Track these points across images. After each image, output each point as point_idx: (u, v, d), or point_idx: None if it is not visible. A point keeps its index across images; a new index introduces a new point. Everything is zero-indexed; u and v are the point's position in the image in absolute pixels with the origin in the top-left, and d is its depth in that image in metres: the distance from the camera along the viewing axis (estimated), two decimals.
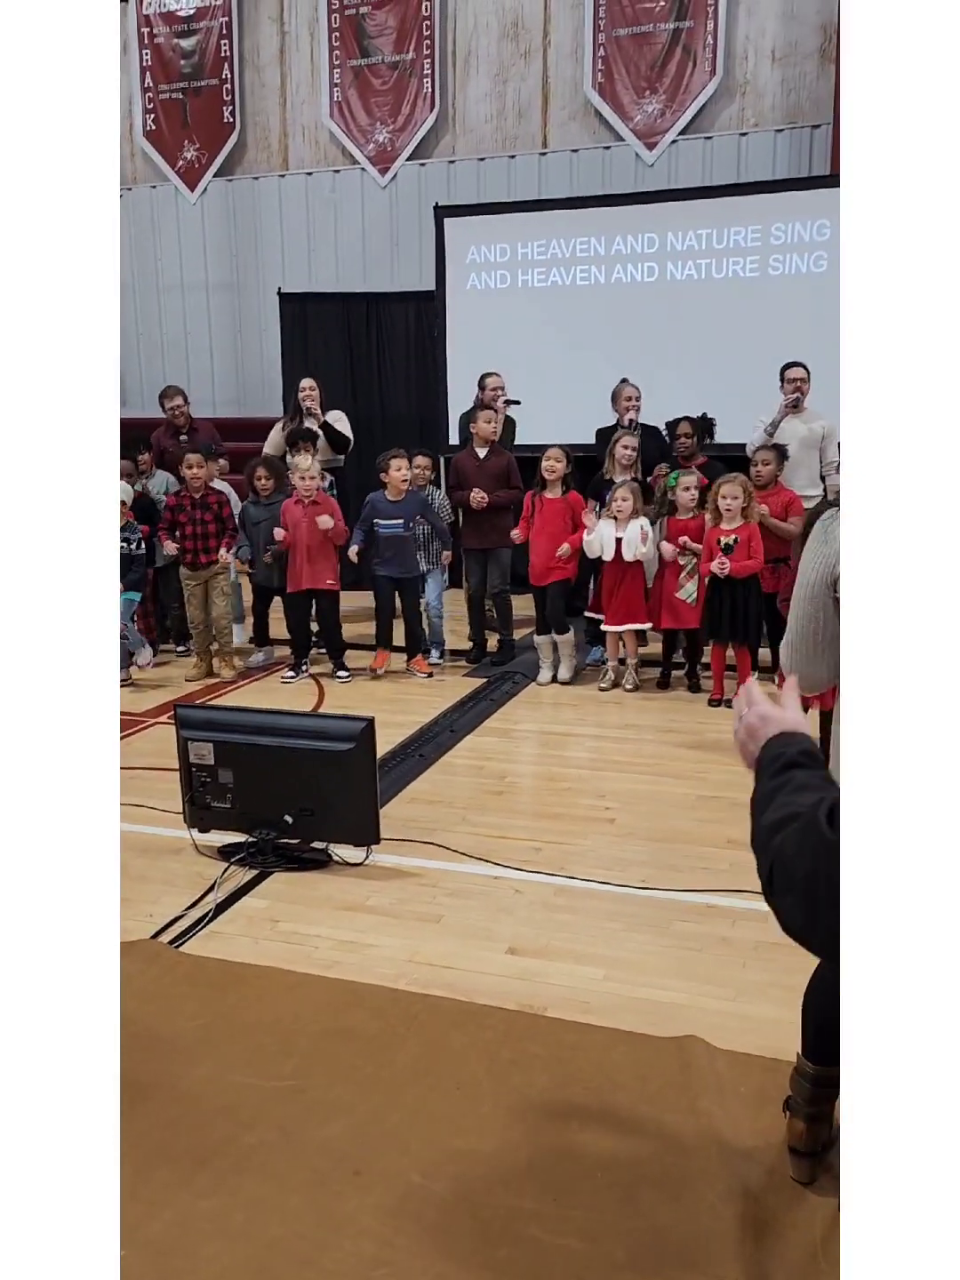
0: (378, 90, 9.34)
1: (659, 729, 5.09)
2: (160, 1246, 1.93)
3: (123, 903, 3.31)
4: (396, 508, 5.94)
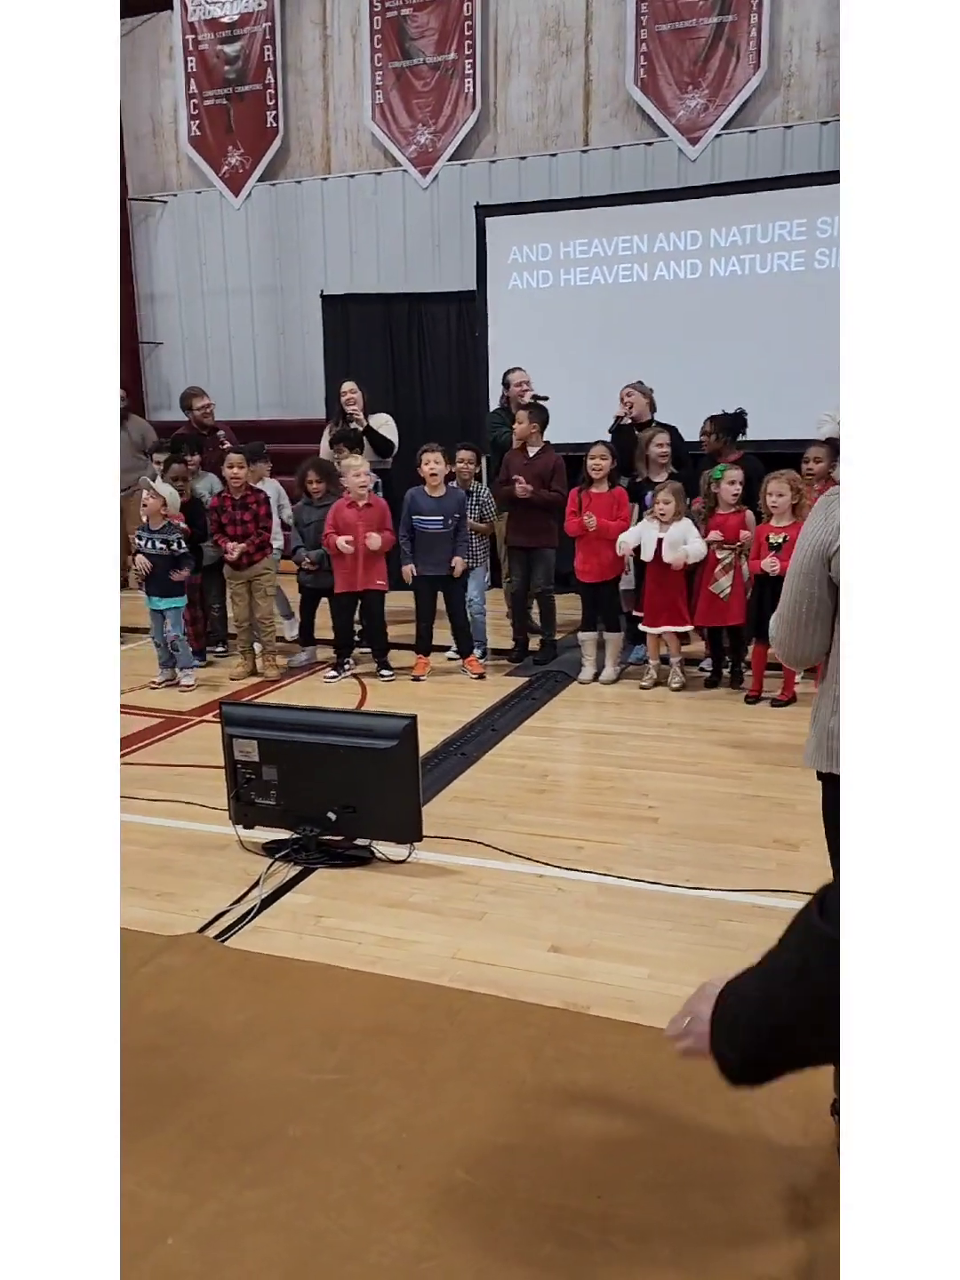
0: (419, 91, 9.37)
1: (702, 728, 5.04)
2: (206, 1236, 1.94)
3: (169, 897, 3.36)
4: (436, 504, 5.94)
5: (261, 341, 10.54)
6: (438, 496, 5.94)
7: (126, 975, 2.84)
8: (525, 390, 6.82)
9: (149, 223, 10.75)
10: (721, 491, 5.52)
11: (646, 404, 6.46)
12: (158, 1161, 2.13)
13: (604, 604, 5.81)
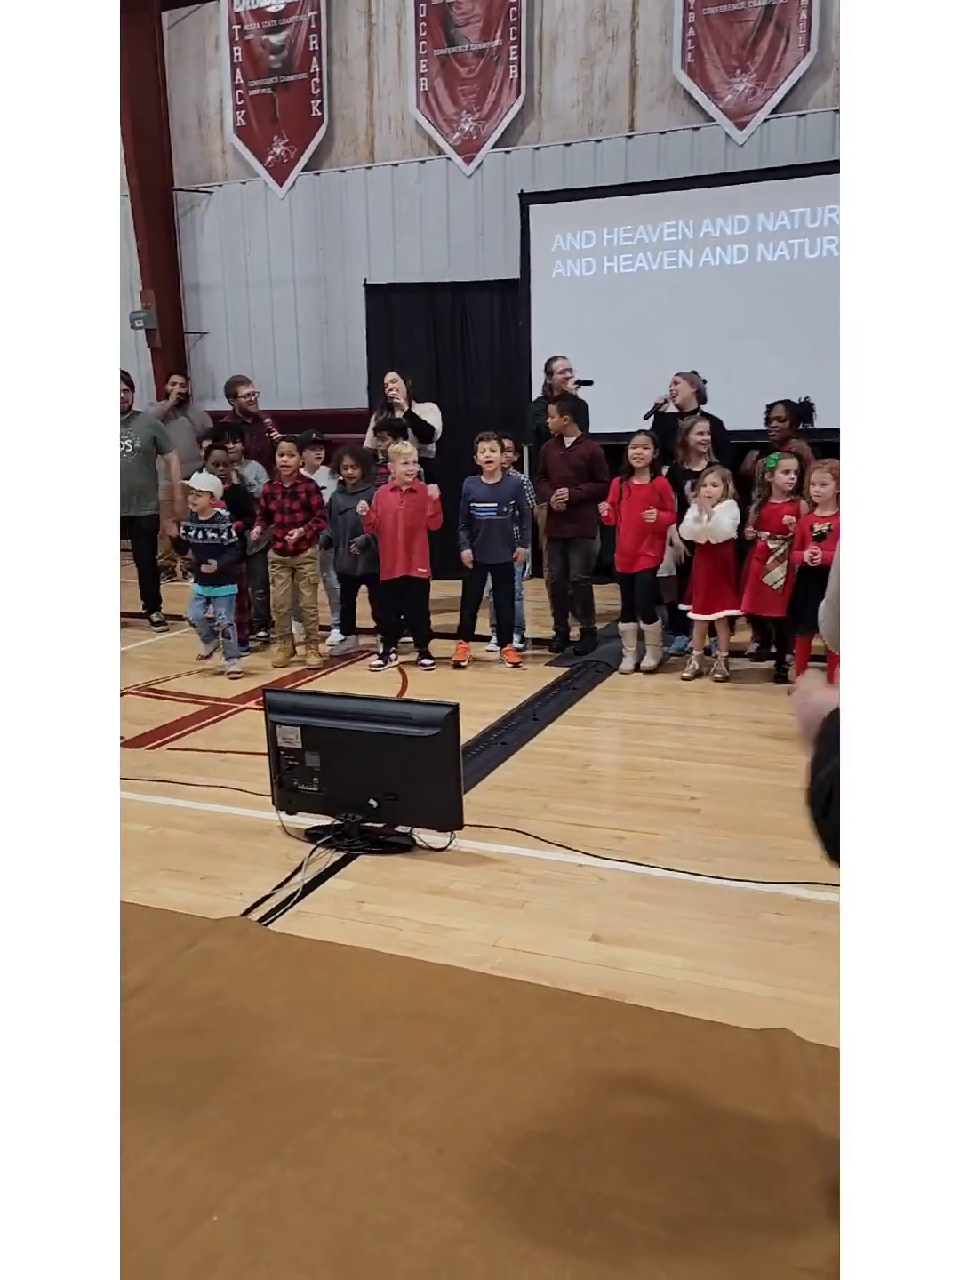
0: (464, 79, 9.33)
1: (745, 719, 5.00)
2: (250, 1214, 1.97)
3: (214, 881, 3.40)
4: (492, 491, 5.94)
5: (305, 331, 10.58)
6: (493, 484, 5.94)
7: (171, 957, 2.88)
8: (568, 378, 6.78)
9: (194, 213, 10.83)
10: (776, 480, 5.45)
11: (693, 393, 6.40)
12: (202, 1139, 2.16)
13: (639, 594, 5.76)
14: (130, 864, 3.53)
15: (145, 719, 5.22)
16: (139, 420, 7.16)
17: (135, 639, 7.01)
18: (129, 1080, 2.34)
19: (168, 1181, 2.05)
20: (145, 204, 10.50)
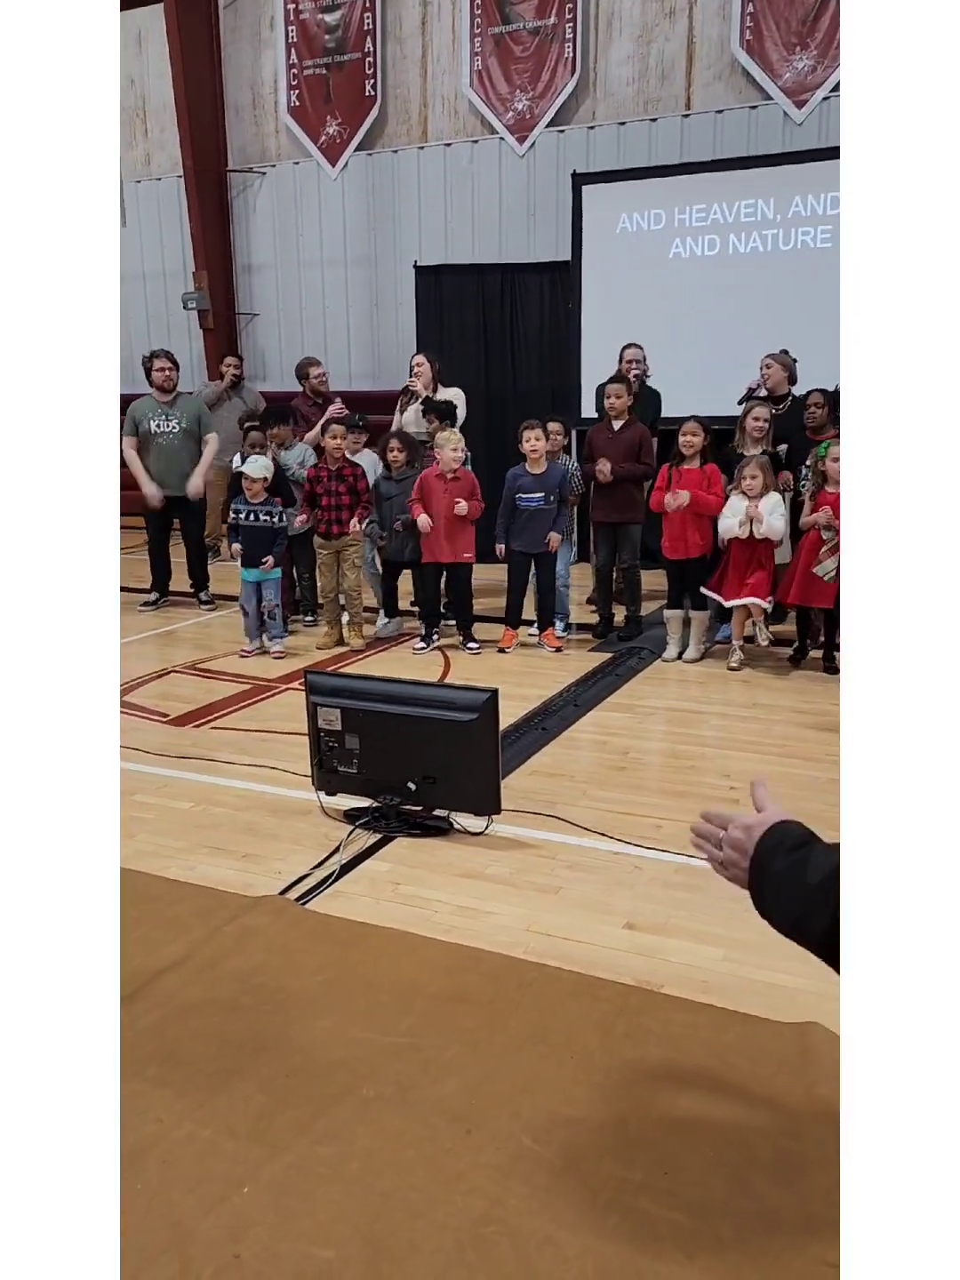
0: (518, 57, 9.26)
1: (789, 709, 4.96)
2: (281, 1187, 2.01)
3: (254, 859, 3.45)
4: (537, 481, 5.92)
5: (355, 312, 10.60)
6: (538, 473, 5.93)
7: (210, 933, 2.94)
8: (631, 369, 6.73)
9: (247, 194, 10.88)
10: (828, 468, 5.38)
11: (785, 376, 6.28)
12: (235, 1113, 2.21)
13: (691, 582, 5.74)
14: (172, 840, 3.60)
15: (191, 697, 5.30)
16: (185, 401, 7.23)
17: (184, 617, 7.12)
18: (166, 1052, 2.41)
19: (202, 1152, 2.10)
20: (199, 185, 10.58)
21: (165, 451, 7.02)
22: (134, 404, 6.99)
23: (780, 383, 6.25)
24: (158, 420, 7.02)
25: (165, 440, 7.02)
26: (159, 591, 7.37)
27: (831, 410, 5.84)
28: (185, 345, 10.75)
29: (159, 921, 3.01)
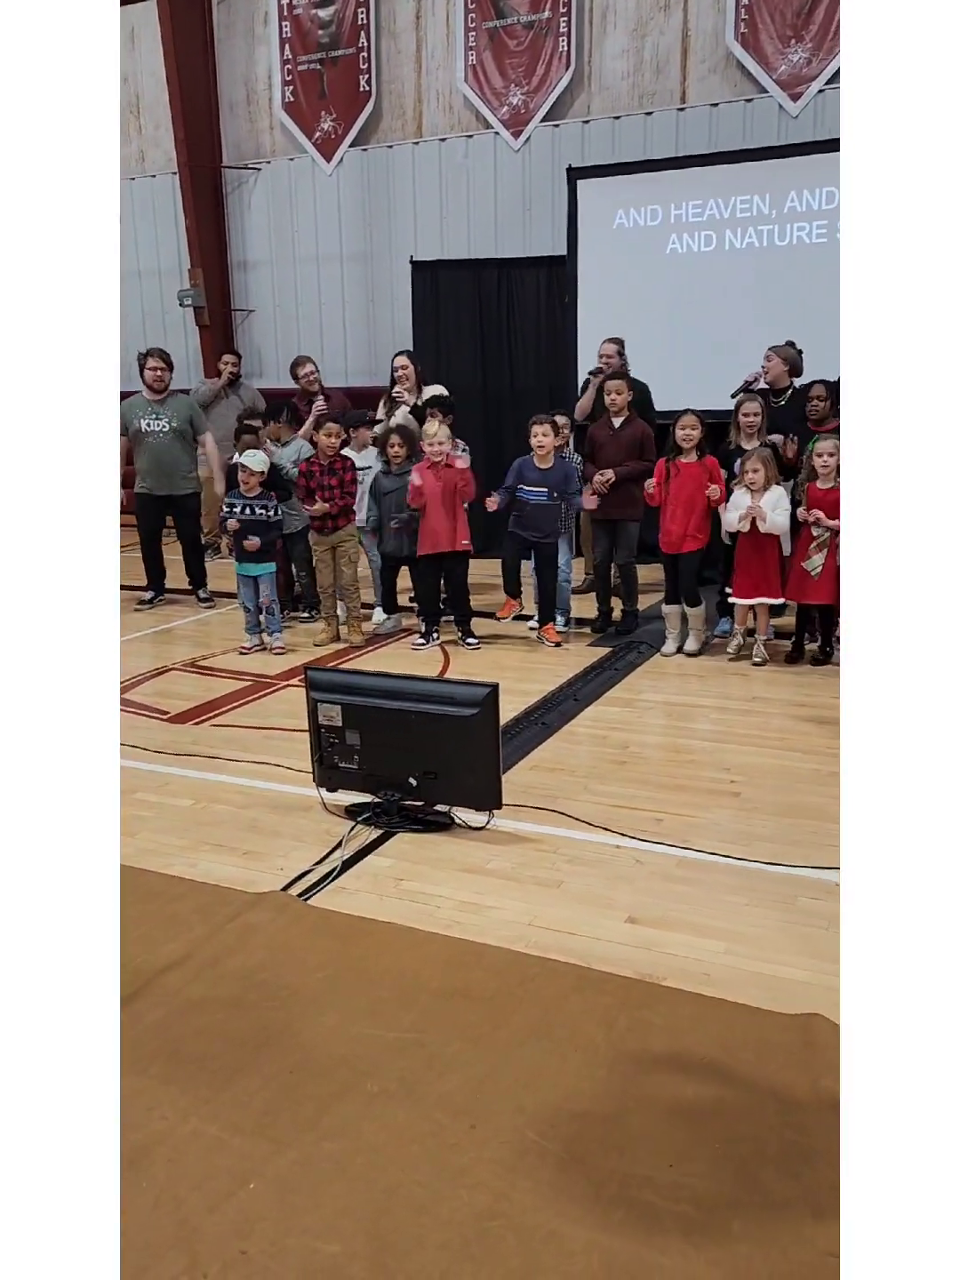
0: (513, 51, 9.23)
1: (787, 702, 4.96)
2: (287, 1183, 2.01)
3: (255, 856, 3.45)
4: (543, 476, 5.91)
5: (351, 308, 10.58)
6: (545, 469, 5.91)
7: (213, 930, 2.94)
8: (612, 361, 6.70)
9: (242, 190, 10.85)
10: (816, 464, 5.38)
11: (785, 369, 6.24)
12: (240, 1109, 2.21)
13: (684, 576, 5.73)
14: (174, 838, 3.60)
15: (190, 694, 5.30)
16: (176, 401, 7.21)
17: (182, 615, 7.11)
18: (170, 1049, 2.41)
19: (208, 1149, 2.11)
20: (194, 182, 10.55)
21: (155, 451, 7.01)
22: (125, 402, 6.96)
23: (781, 375, 6.23)
24: (148, 419, 7.01)
25: (155, 440, 7.01)
26: (154, 590, 7.35)
27: (834, 403, 5.84)
28: (181, 342, 10.73)
29: (161, 919, 3.01)
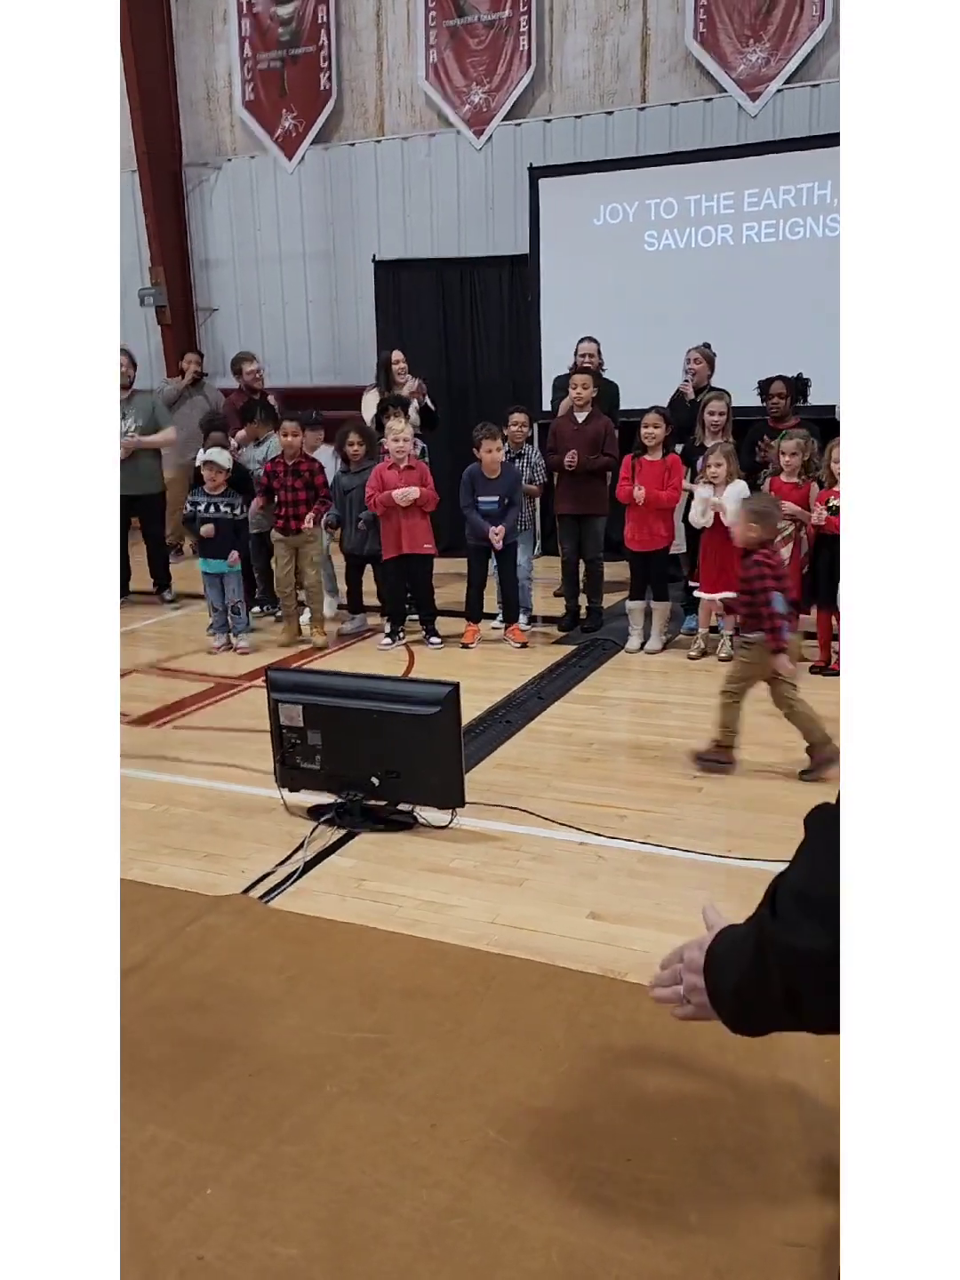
0: (474, 50, 9.23)
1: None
2: (245, 1187, 2.00)
3: (216, 859, 3.43)
4: (493, 485, 5.93)
5: (314, 308, 10.52)
6: (493, 478, 5.93)
7: (172, 934, 2.91)
8: (584, 361, 6.74)
9: (203, 188, 10.76)
10: (779, 461, 5.42)
11: (708, 370, 6.39)
12: (199, 1114, 2.19)
13: (654, 573, 5.76)
14: (132, 841, 3.56)
15: (152, 697, 5.25)
16: (140, 399, 7.15)
17: (145, 616, 7.04)
18: (129, 1054, 2.37)
19: (165, 1155, 2.08)
20: (154, 179, 10.45)
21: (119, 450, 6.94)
22: None
23: (704, 377, 6.36)
24: None
25: (121, 438, 6.94)
26: (119, 591, 7.29)
27: (793, 399, 5.89)
28: (143, 341, 10.62)
29: (120, 924, 2.97)
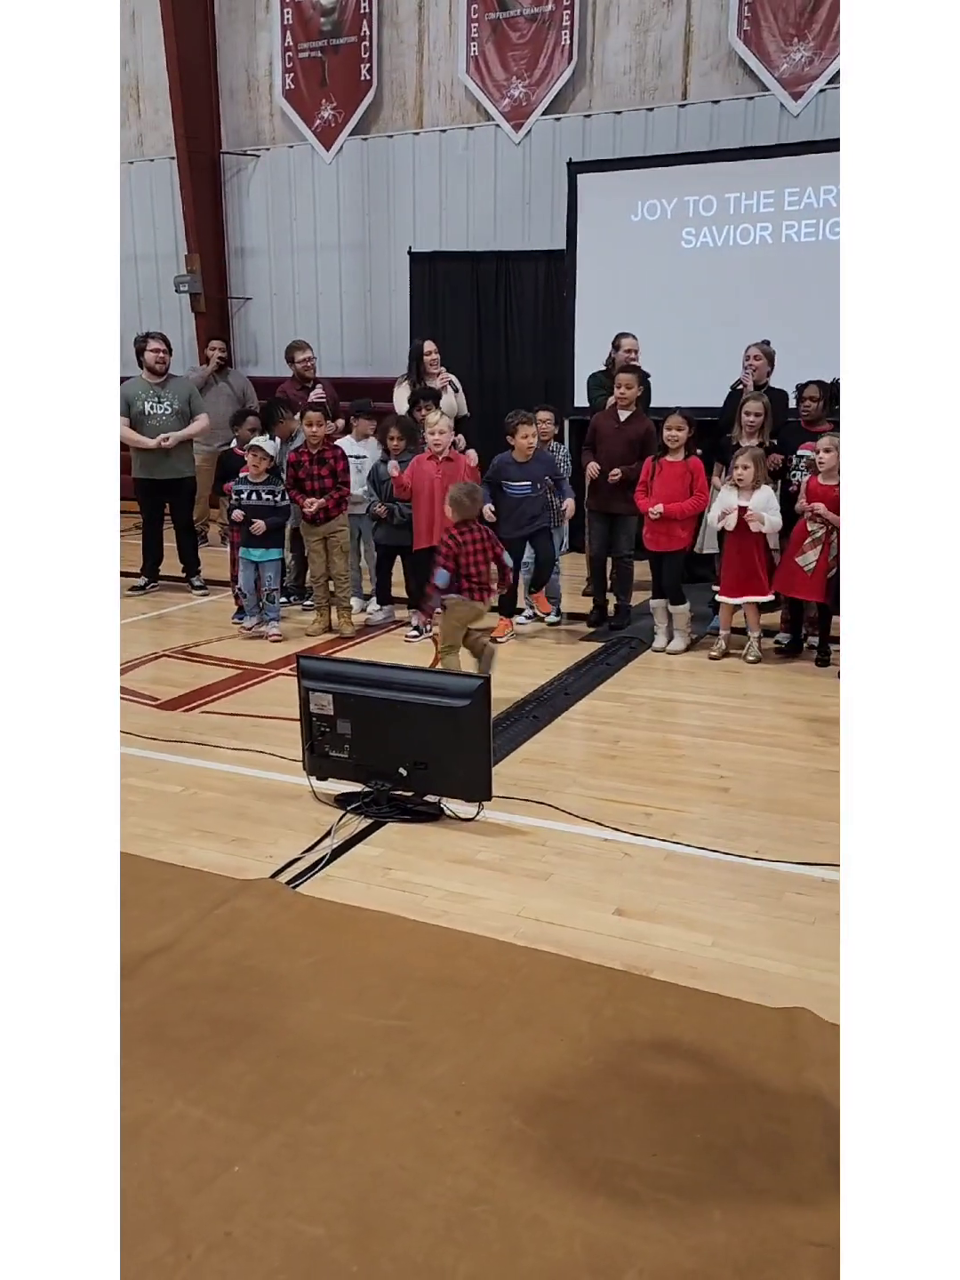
0: (515, 44, 9.21)
1: (779, 700, 4.98)
2: (272, 1166, 2.02)
3: (244, 843, 3.46)
4: (524, 470, 5.93)
5: (348, 298, 10.55)
6: (524, 463, 5.93)
7: (201, 916, 2.94)
8: (633, 358, 6.72)
9: (240, 177, 10.81)
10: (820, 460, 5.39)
11: (768, 367, 6.32)
12: (226, 1092, 2.22)
13: (667, 574, 5.74)
14: (162, 824, 3.60)
15: (181, 682, 5.29)
16: (176, 383, 7.20)
17: (174, 602, 7.09)
18: (157, 1032, 2.41)
19: (193, 1131, 2.11)
20: (192, 167, 10.50)
21: (157, 433, 6.98)
22: (125, 384, 6.95)
23: (764, 374, 6.30)
24: (150, 402, 6.98)
25: (158, 422, 6.98)
26: (148, 576, 7.34)
27: (828, 403, 5.86)
28: (177, 328, 10.69)
29: (150, 904, 3.01)
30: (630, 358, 6.70)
